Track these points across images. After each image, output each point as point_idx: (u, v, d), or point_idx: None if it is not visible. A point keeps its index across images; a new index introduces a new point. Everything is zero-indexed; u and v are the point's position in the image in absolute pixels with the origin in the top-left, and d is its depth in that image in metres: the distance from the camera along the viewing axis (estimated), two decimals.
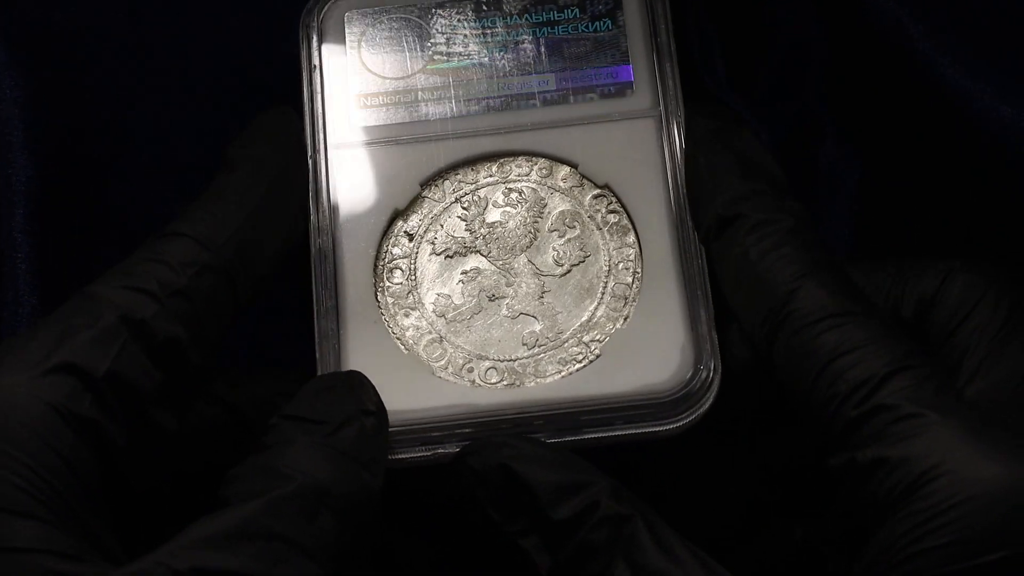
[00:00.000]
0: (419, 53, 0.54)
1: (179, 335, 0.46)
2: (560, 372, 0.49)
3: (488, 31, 0.54)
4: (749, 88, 0.58)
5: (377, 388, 0.48)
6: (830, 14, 0.58)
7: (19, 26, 0.57)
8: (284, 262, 0.50)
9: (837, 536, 0.48)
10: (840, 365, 0.44)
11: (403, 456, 0.48)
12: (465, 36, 0.54)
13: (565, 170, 0.52)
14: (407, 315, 0.50)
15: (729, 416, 0.50)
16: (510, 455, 0.47)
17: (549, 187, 0.52)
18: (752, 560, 0.52)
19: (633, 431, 0.48)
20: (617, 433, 0.48)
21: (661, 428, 0.48)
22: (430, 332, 0.50)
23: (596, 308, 0.50)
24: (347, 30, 0.54)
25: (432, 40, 0.54)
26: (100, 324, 0.45)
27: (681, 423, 0.48)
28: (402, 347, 0.50)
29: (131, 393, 0.45)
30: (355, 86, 0.53)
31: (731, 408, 0.49)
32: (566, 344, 0.50)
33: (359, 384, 0.48)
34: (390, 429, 0.48)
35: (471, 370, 0.50)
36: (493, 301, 0.51)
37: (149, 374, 0.45)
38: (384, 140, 0.52)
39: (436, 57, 0.54)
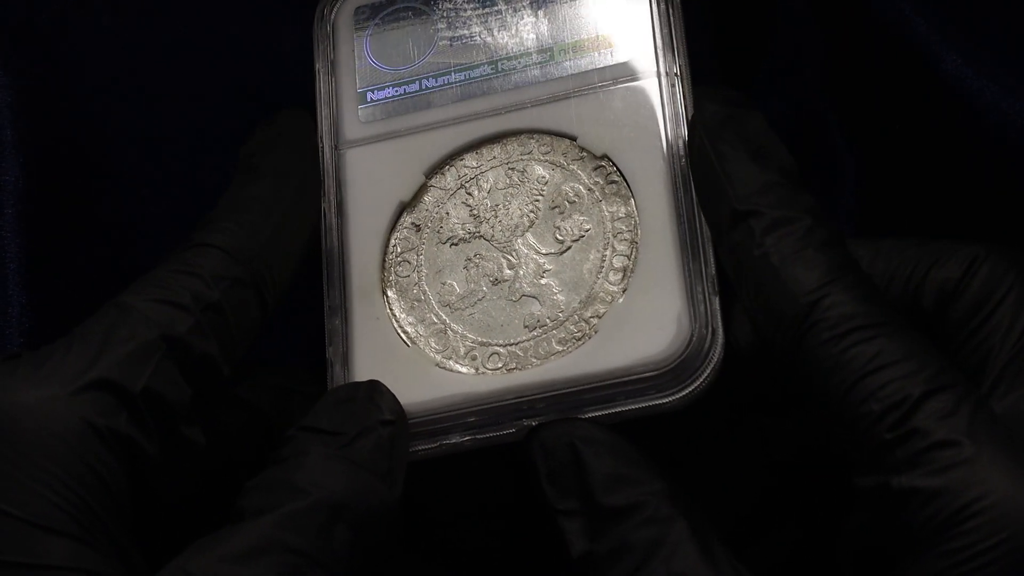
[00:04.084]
0: (423, 41, 0.54)
1: (212, 351, 0.46)
2: (560, 351, 0.48)
3: (490, 11, 0.53)
4: (748, 81, 0.56)
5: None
6: (831, 7, 0.57)
7: (8, 26, 0.57)
8: (304, 267, 0.50)
9: (853, 551, 0.45)
10: (872, 383, 0.42)
11: (410, 449, 0.47)
12: (468, 19, 0.53)
13: (565, 144, 0.51)
14: (412, 308, 0.50)
15: (734, 400, 0.48)
16: (580, 435, 0.46)
17: (550, 163, 0.51)
18: (759, 562, 0.50)
19: (635, 406, 0.46)
20: (619, 409, 0.47)
21: (663, 401, 0.46)
22: (435, 323, 0.50)
23: (595, 283, 0.49)
24: (356, 25, 0.54)
25: (436, 27, 0.54)
26: (138, 339, 0.45)
27: (683, 394, 0.46)
28: (406, 340, 0.50)
29: (164, 409, 0.45)
30: (363, 81, 0.53)
31: (736, 392, 0.48)
32: (567, 323, 0.48)
33: (378, 393, 0.47)
34: None
35: (474, 358, 0.49)
36: (496, 285, 0.50)
37: (181, 390, 0.45)
38: (389, 133, 0.52)
39: (440, 44, 0.53)
